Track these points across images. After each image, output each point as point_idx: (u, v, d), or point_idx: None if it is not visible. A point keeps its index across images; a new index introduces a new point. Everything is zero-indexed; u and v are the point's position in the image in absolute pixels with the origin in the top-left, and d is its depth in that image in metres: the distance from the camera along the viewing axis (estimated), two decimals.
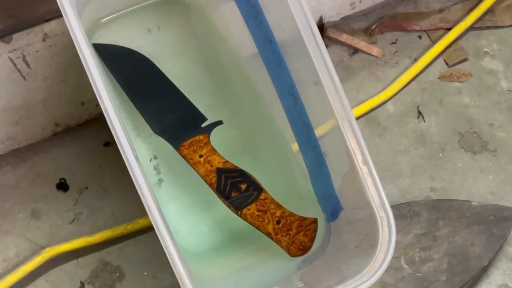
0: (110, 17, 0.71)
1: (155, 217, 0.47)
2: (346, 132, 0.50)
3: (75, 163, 0.80)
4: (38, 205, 0.77)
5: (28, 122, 0.78)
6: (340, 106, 0.50)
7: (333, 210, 0.59)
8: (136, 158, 0.48)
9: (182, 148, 0.64)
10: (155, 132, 0.66)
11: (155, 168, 0.69)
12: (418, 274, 0.70)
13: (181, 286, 0.46)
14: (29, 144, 0.81)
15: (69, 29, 0.48)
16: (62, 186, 0.78)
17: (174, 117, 0.67)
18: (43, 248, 0.74)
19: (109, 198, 0.78)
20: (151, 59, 0.71)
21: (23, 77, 0.73)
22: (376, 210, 0.50)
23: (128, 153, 0.48)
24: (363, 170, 0.50)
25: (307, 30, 0.51)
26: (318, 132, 0.57)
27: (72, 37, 0.48)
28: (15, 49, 0.70)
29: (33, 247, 0.75)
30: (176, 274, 0.46)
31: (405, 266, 0.71)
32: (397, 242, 0.72)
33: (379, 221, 0.50)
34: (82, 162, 0.80)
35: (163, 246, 0.47)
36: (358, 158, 0.50)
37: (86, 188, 0.78)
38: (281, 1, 0.53)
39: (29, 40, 0.70)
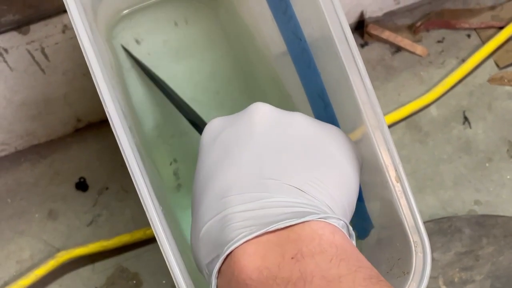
0: (132, 8, 0.67)
1: (159, 234, 0.42)
2: (378, 143, 0.44)
3: (96, 161, 0.76)
4: (56, 205, 0.74)
5: (49, 117, 0.75)
6: (372, 114, 0.44)
7: (363, 227, 0.53)
8: (141, 167, 0.43)
9: None
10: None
11: (174, 173, 0.65)
12: None
13: None
14: (50, 140, 0.78)
15: (73, 26, 0.43)
16: (82, 185, 0.75)
17: None
18: (58, 250, 0.71)
19: (130, 199, 0.74)
20: (177, 54, 0.67)
21: (42, 70, 0.70)
22: (410, 234, 0.44)
23: (132, 164, 0.43)
24: (396, 188, 0.44)
25: (338, 28, 0.45)
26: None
27: (77, 37, 0.43)
28: (33, 41, 0.66)
29: (48, 249, 0.72)
30: None
31: (444, 287, 0.65)
32: (435, 261, 0.66)
33: (412, 246, 0.44)
34: (103, 161, 0.76)
35: (168, 267, 0.42)
36: (391, 174, 0.44)
37: (107, 188, 0.75)
38: None
39: (48, 32, 0.67)
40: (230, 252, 0.37)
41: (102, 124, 0.78)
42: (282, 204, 0.38)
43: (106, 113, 0.44)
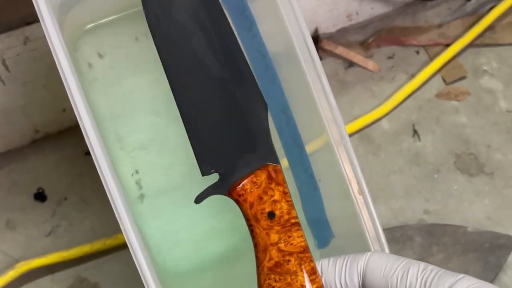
0: (95, 23, 0.68)
1: (130, 238, 0.43)
2: (341, 158, 0.47)
3: (54, 172, 0.76)
4: (14, 216, 0.74)
5: (6, 128, 0.75)
6: (336, 131, 0.47)
7: (324, 236, 0.56)
8: (113, 172, 0.45)
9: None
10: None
11: (137, 183, 0.66)
12: None
13: None
14: (7, 151, 0.78)
15: (45, 34, 0.44)
16: (40, 196, 0.75)
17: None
18: (17, 261, 0.71)
19: (89, 210, 0.74)
20: (138, 68, 0.68)
21: (2, 81, 0.70)
22: (371, 242, 0.47)
23: (103, 167, 0.44)
24: (358, 200, 0.47)
25: (302, 45, 0.47)
26: (311, 151, 0.54)
27: (49, 43, 0.44)
28: None
29: (7, 259, 0.71)
30: None
31: None
32: None
33: None
34: (62, 171, 0.76)
35: (139, 271, 0.43)
36: (353, 187, 0.47)
37: (65, 199, 0.75)
38: (275, 13, 0.50)
39: (10, 43, 0.67)
40: None
41: (60, 135, 0.79)
42: None
43: (78, 118, 0.44)
